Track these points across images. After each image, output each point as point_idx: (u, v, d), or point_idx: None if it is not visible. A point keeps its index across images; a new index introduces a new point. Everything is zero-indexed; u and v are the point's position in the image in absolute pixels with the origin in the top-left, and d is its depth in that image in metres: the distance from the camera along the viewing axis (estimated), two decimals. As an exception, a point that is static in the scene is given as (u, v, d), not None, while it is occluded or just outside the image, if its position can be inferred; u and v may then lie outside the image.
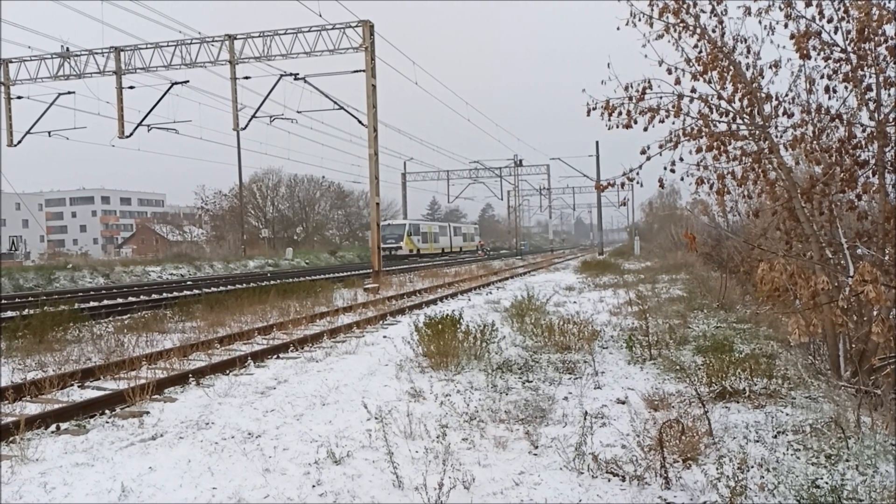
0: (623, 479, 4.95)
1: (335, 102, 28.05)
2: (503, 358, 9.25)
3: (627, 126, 7.43)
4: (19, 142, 30.65)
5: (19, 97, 30.29)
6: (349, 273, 32.80)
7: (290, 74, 27.67)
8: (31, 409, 7.48)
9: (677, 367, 7.96)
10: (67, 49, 28.98)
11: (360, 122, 26.76)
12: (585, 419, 5.86)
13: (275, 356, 10.54)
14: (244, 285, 23.55)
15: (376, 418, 6.41)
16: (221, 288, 23.12)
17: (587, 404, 6.85)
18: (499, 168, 70.63)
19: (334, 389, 8.00)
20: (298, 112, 29.19)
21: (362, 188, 76.62)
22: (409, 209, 75.13)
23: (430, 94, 53.48)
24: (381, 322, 14.53)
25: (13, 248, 59.42)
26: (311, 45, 26.72)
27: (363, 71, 25.57)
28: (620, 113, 7.38)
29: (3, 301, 21.13)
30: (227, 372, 9.34)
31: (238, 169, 46.64)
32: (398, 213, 77.73)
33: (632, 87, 7.35)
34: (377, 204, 26.16)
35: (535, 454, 5.59)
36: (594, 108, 7.38)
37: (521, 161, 68.90)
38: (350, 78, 26.37)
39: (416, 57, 31.54)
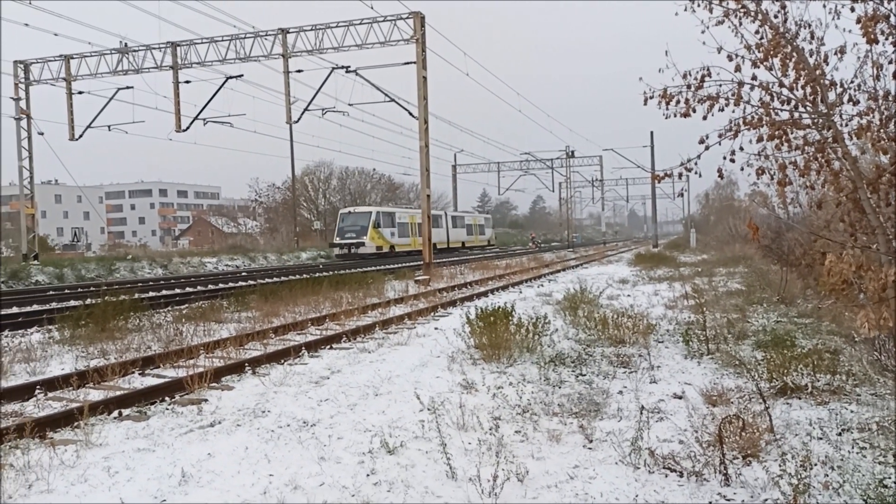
0: (681, 475, 4.85)
1: (386, 95, 28.17)
2: (556, 351, 9.17)
3: (685, 115, 7.25)
4: (80, 136, 31.58)
5: (80, 92, 31.19)
6: (400, 265, 32.99)
7: (342, 67, 27.91)
8: (95, 395, 7.71)
9: (736, 362, 7.77)
10: (126, 45, 29.72)
11: (410, 114, 26.84)
12: (642, 413, 5.76)
13: (328, 346, 10.66)
14: (297, 276, 23.91)
15: (429, 409, 6.41)
16: (275, 279, 23.49)
17: (643, 399, 6.74)
18: (550, 159, 70.01)
19: (387, 380, 8.05)
20: (350, 105, 29.40)
21: (412, 180, 76.83)
22: (459, 201, 75.05)
23: (481, 85, 53.41)
24: (432, 314, 14.57)
25: (75, 240, 61.48)
26: (363, 37, 26.89)
27: (414, 63, 25.61)
28: (678, 101, 7.20)
29: (66, 290, 21.86)
30: (282, 361, 9.48)
31: (291, 161, 47.47)
32: (448, 204, 77.46)
33: (690, 74, 7.17)
34: (428, 196, 26.20)
35: (590, 448, 5.52)
36: (651, 97, 7.21)
37: (573, 152, 68.10)
38: (401, 70, 26.48)
39: (467, 47, 31.44)
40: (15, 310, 16.43)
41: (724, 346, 9.14)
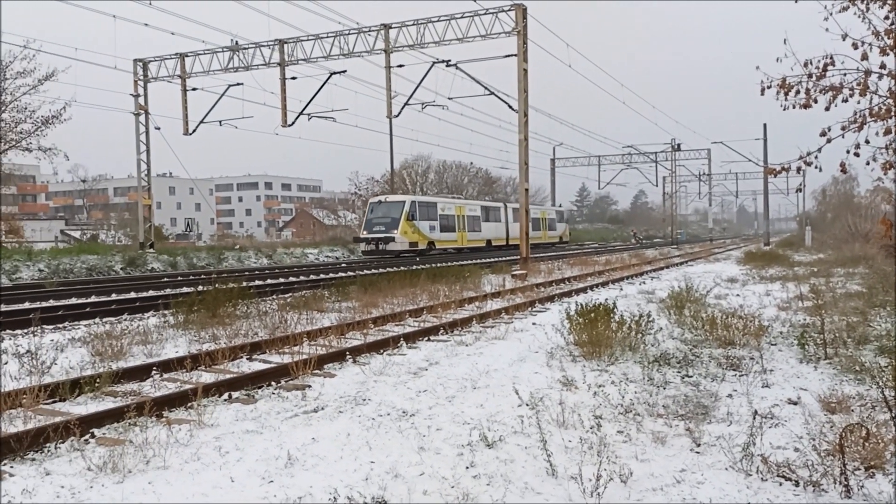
0: (797, 485, 4.58)
1: (486, 88, 28.14)
2: (660, 350, 8.88)
3: (806, 106, 6.83)
4: (194, 130, 33.16)
5: (194, 89, 32.75)
6: (497, 259, 32.94)
7: (442, 61, 28.08)
8: (206, 377, 8.05)
9: (857, 368, 7.29)
10: (237, 43, 30.97)
11: (510, 107, 26.71)
12: (755, 418, 5.49)
13: (425, 338, 10.74)
14: (395, 269, 24.27)
15: (528, 405, 6.34)
16: (374, 271, 23.93)
17: (755, 403, 6.43)
18: (654, 153, 68.00)
19: (484, 374, 8.02)
20: (449, 98, 29.55)
21: (510, 174, 76.68)
22: (557, 195, 74.16)
23: (583, 77, 52.51)
24: (529, 309, 14.44)
25: (188, 230, 64.78)
26: (464, 31, 26.95)
27: (515, 55, 25.47)
28: (798, 91, 6.79)
29: (179, 278, 23.01)
30: (381, 351, 9.63)
31: (390, 155, 47.95)
32: (546, 199, 76.56)
33: (811, 63, 6.75)
34: (526, 190, 26.02)
35: (698, 452, 5.30)
36: (769, 87, 6.84)
37: (678, 145, 65.73)
38: (501, 63, 26.38)
39: (569, 38, 30.85)
40: (133, 295, 17.44)
41: (843, 351, 8.60)
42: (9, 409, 6.48)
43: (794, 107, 6.88)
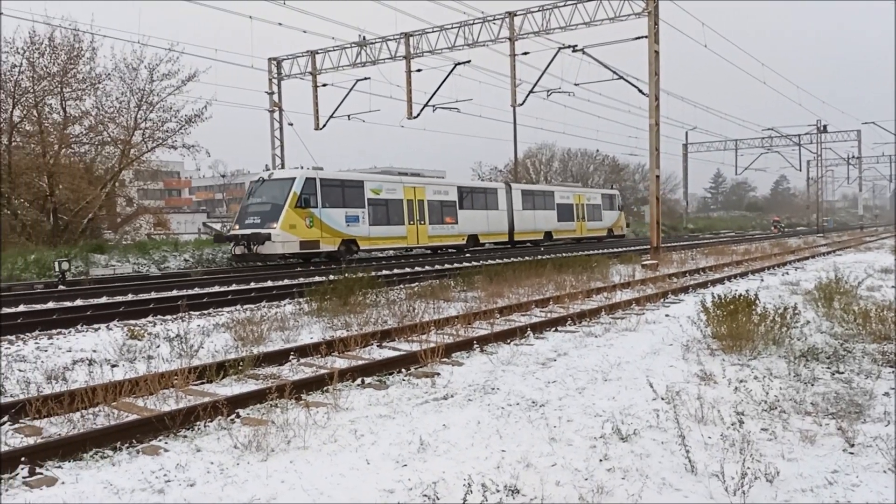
0: (971, 495, 4.14)
1: (614, 72, 27.41)
2: (807, 345, 8.31)
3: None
4: (324, 125, 34.33)
5: (324, 85, 33.90)
6: (625, 248, 32.10)
7: (568, 47, 27.59)
8: (340, 363, 8.31)
9: None
10: (364, 38, 31.75)
11: (640, 91, 25.90)
12: (920, 420, 5.02)
13: (552, 329, 10.61)
14: (519, 258, 24.17)
15: (664, 399, 6.12)
16: (498, 261, 23.94)
17: (918, 403, 5.89)
18: (797, 135, 63.82)
19: (615, 366, 7.81)
20: (576, 84, 29.00)
21: (638, 161, 74.36)
22: (690, 181, 71.12)
23: (719, 57, 49.29)
24: (661, 300, 13.96)
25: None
26: (591, 15, 26.38)
27: (645, 37, 24.62)
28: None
29: (311, 268, 23.96)
30: (508, 341, 9.59)
31: (513, 144, 47.76)
32: (678, 186, 73.58)
33: None
34: (657, 177, 25.14)
35: (851, 452, 4.92)
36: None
37: (825, 126, 61.33)
38: (630, 46, 25.64)
39: (704, 17, 29.43)
40: (269, 283, 18.33)
41: None
42: (161, 389, 6.95)
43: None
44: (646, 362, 8.00)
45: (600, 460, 4.84)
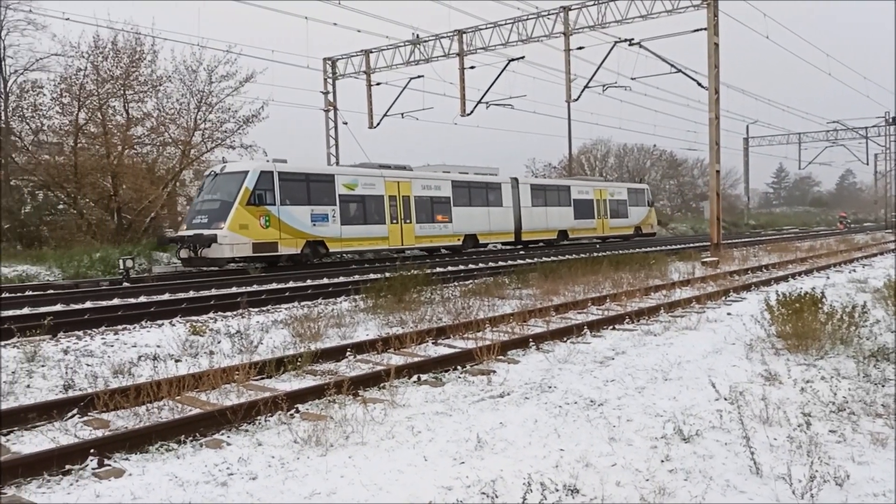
0: None
1: (672, 65, 26.84)
2: (876, 344, 7.98)
3: None
4: (378, 124, 34.56)
5: (378, 83, 34.14)
6: (683, 245, 31.48)
7: (625, 40, 27.11)
8: (395, 360, 8.35)
9: None
10: (418, 36, 31.85)
11: (699, 84, 25.32)
12: None
13: (609, 327, 10.46)
14: (574, 256, 23.93)
15: (727, 399, 5.96)
16: (553, 258, 23.75)
17: None
18: (864, 128, 61.53)
19: (676, 365, 7.65)
20: (632, 79, 28.55)
21: (697, 155, 72.80)
22: (750, 176, 69.27)
23: (781, 48, 47.58)
24: (723, 298, 13.62)
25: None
26: (648, 8, 25.91)
27: (704, 29, 24.06)
28: None
29: (365, 265, 24.16)
30: (564, 339, 9.50)
31: (568, 141, 47.42)
32: (738, 181, 71.59)
33: None
34: (717, 172, 24.57)
35: (927, 457, 4.71)
36: None
37: (894, 118, 59.05)
38: (688, 39, 25.08)
39: (766, 7, 28.63)
40: (325, 280, 18.57)
41: None
42: (223, 384, 7.10)
43: None
44: (707, 362, 7.81)
45: (662, 461, 4.74)
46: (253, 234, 21.94)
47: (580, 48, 27.94)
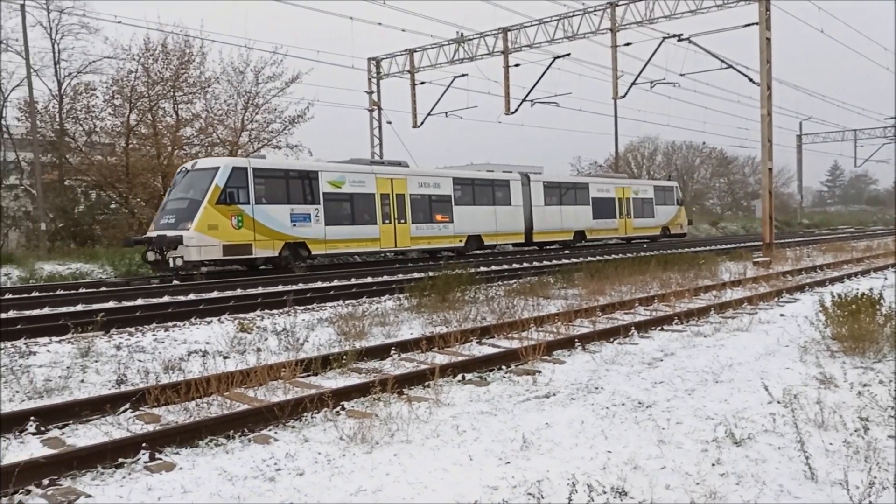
0: None
1: (722, 61, 26.32)
2: (939, 347, 7.71)
3: None
4: (422, 123, 34.64)
5: (422, 83, 34.21)
6: (734, 245, 30.85)
7: (673, 36, 26.71)
8: (440, 359, 8.34)
9: None
10: (462, 34, 31.83)
11: (750, 80, 24.79)
12: None
13: (658, 328, 10.29)
14: (621, 255, 23.63)
15: (780, 402, 5.80)
16: (599, 258, 23.49)
17: None
18: (924, 124, 59.52)
19: (727, 367, 7.48)
20: (681, 75, 28.09)
21: (748, 153, 71.33)
22: (804, 174, 67.42)
23: (836, 42, 46.08)
24: (776, 299, 13.28)
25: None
26: (697, 2, 25.44)
27: (756, 24, 23.53)
28: None
29: (409, 264, 24.19)
30: (611, 340, 9.37)
31: (614, 138, 46.79)
32: (791, 179, 69.84)
33: None
34: (769, 170, 23.99)
35: None
36: None
37: (954, 114, 56.99)
38: (739, 34, 24.53)
39: (820, 0, 27.82)
40: (369, 279, 18.69)
41: None
42: (270, 380, 7.18)
43: None
44: (759, 364, 7.62)
45: (713, 464, 4.63)
46: (223, 236, 20.18)
47: (627, 44, 27.59)
